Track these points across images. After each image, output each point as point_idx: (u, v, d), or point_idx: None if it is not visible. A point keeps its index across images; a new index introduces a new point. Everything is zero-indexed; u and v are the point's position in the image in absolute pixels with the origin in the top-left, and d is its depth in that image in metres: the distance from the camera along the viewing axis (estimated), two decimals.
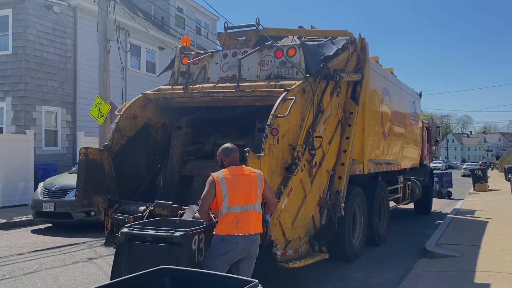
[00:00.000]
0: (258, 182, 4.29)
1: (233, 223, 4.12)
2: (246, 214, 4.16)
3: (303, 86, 5.95)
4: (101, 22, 11.51)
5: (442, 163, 57.13)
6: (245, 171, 4.31)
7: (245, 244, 4.17)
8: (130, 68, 19.37)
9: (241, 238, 4.13)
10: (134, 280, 2.63)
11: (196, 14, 25.33)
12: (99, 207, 6.26)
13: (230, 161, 4.39)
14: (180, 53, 7.44)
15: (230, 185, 4.17)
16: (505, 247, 8.21)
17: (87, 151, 6.29)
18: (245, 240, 4.15)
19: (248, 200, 4.19)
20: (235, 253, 4.17)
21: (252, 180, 4.26)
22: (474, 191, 22.27)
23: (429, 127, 14.85)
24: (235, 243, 4.12)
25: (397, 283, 6.33)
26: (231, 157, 4.40)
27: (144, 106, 6.99)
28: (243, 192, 4.19)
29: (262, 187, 4.33)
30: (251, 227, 4.18)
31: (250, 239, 4.19)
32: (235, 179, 4.20)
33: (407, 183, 11.56)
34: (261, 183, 4.32)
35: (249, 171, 4.35)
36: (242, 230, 4.13)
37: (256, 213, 4.25)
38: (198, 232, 4.35)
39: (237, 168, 4.32)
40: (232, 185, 4.17)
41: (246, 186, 4.22)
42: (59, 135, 16.58)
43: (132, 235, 4.26)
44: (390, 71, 10.70)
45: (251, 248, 4.23)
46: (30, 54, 15.44)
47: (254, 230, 4.22)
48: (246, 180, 4.24)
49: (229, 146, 4.52)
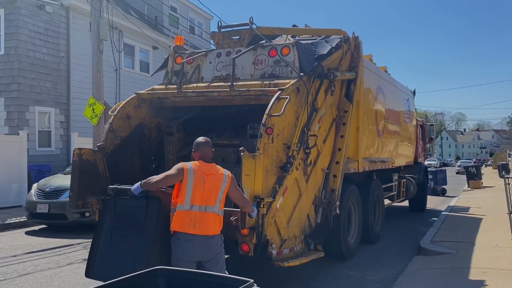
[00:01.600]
0: (221, 184, 4.19)
1: (191, 222, 4.04)
2: (204, 214, 4.08)
3: (298, 85, 5.95)
4: (94, 21, 11.45)
5: (436, 161, 57.42)
6: (212, 171, 4.21)
7: (203, 245, 4.07)
8: (124, 68, 19.30)
9: (197, 238, 4.05)
10: (128, 281, 2.62)
11: (190, 13, 25.27)
12: (94, 208, 6.22)
13: (199, 155, 4.29)
14: (174, 52, 7.41)
15: (196, 182, 4.09)
16: (499, 243, 8.26)
17: (80, 151, 6.26)
18: (202, 240, 4.06)
19: (208, 201, 4.11)
20: (194, 252, 4.07)
21: (216, 181, 4.18)
22: (468, 188, 22.40)
23: (423, 125, 14.91)
24: (190, 241, 4.04)
25: (392, 281, 6.35)
26: (200, 151, 4.30)
27: (138, 106, 6.96)
28: (206, 192, 4.11)
29: (226, 189, 4.22)
30: (209, 229, 4.09)
31: (207, 240, 4.08)
32: (202, 176, 4.12)
33: (402, 181, 11.60)
34: (226, 184, 4.22)
35: (217, 171, 4.24)
36: (200, 231, 4.05)
37: (215, 215, 4.14)
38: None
39: (207, 166, 4.22)
40: (197, 182, 4.09)
41: (210, 186, 4.13)
42: (52, 135, 16.49)
43: (117, 190, 4.69)
44: (384, 69, 10.72)
45: (211, 249, 4.13)
46: (23, 54, 15.34)
47: (212, 232, 4.12)
48: (211, 180, 4.15)
49: (200, 140, 4.39)
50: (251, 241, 4.94)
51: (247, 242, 5.00)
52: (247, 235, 4.97)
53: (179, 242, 4.08)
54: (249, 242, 4.98)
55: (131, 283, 2.61)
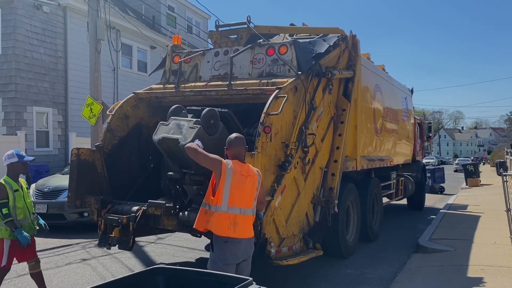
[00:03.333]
0: (257, 185, 4.13)
1: (231, 225, 3.91)
2: (245, 217, 4.00)
3: (295, 84, 5.95)
4: (92, 21, 11.43)
5: (434, 159, 57.48)
6: (250, 172, 4.09)
7: (246, 247, 4.07)
8: (122, 67, 19.28)
9: (244, 241, 4.03)
10: (128, 280, 2.62)
11: (187, 12, 25.24)
12: (92, 208, 6.23)
13: (232, 154, 4.10)
14: (172, 51, 7.40)
15: (234, 183, 3.93)
16: (497, 241, 8.29)
17: (79, 151, 6.25)
18: (247, 243, 4.07)
19: (248, 204, 4.04)
20: (240, 255, 4.03)
21: (254, 182, 4.10)
22: (466, 186, 22.44)
23: (421, 123, 14.94)
24: (238, 243, 3.97)
25: (391, 279, 6.37)
26: (232, 150, 4.11)
27: (135, 105, 6.96)
28: (245, 195, 4.00)
29: (259, 189, 4.20)
30: (249, 232, 4.10)
31: (249, 242, 4.11)
32: (241, 178, 3.97)
33: (400, 179, 11.62)
34: (259, 185, 4.18)
35: (253, 172, 4.14)
36: (241, 234, 3.97)
37: (253, 217, 4.15)
38: None
39: (243, 167, 4.07)
40: (236, 184, 3.94)
41: (248, 188, 4.03)
42: (50, 136, 16.46)
43: None
44: (382, 67, 10.74)
45: (249, 250, 4.15)
46: (20, 54, 15.30)
47: (251, 234, 4.14)
48: (250, 183, 4.05)
49: (233, 136, 4.19)
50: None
51: None
52: None
53: (227, 246, 3.94)
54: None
55: (131, 282, 2.62)
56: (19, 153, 5.07)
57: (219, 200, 3.92)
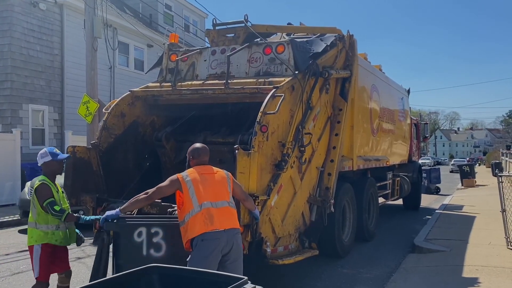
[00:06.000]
0: (226, 181, 4.19)
1: (207, 220, 3.92)
2: (220, 210, 4.01)
3: (292, 83, 5.95)
4: (88, 19, 11.39)
5: (430, 159, 57.58)
6: (210, 170, 4.21)
7: (228, 239, 3.96)
8: (118, 65, 19.22)
9: (222, 233, 3.93)
10: (122, 279, 2.61)
11: (185, 11, 25.19)
12: (88, 206, 6.20)
13: (197, 162, 4.27)
14: (168, 50, 7.38)
15: (196, 184, 4.04)
16: (492, 241, 8.31)
17: (74, 149, 6.22)
18: (226, 234, 3.95)
19: (218, 196, 4.05)
20: (219, 250, 3.94)
21: (219, 178, 4.17)
22: (462, 186, 22.52)
23: (418, 124, 14.97)
24: (216, 239, 3.91)
25: (386, 278, 6.38)
26: (199, 159, 4.28)
27: (132, 103, 6.93)
28: (212, 189, 4.06)
29: (231, 185, 4.22)
30: (230, 222, 4.02)
31: (230, 233, 3.99)
32: (202, 177, 4.09)
33: (396, 179, 11.64)
34: (230, 181, 4.23)
35: (214, 170, 4.23)
36: (220, 225, 3.93)
37: (232, 209, 4.12)
38: (146, 224, 4.31)
39: (204, 168, 4.22)
40: (198, 184, 4.04)
41: (214, 183, 4.11)
42: (46, 134, 16.39)
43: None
44: (379, 68, 10.74)
45: (233, 243, 4.01)
46: (16, 52, 15.22)
47: (234, 225, 4.05)
48: (213, 178, 4.14)
49: (198, 147, 4.35)
50: (246, 239, 4.94)
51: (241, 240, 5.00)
52: (241, 233, 4.96)
53: (204, 243, 3.91)
54: (244, 240, 4.97)
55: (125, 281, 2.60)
56: (52, 151, 4.65)
57: (190, 205, 3.99)
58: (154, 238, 4.27)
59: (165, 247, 4.27)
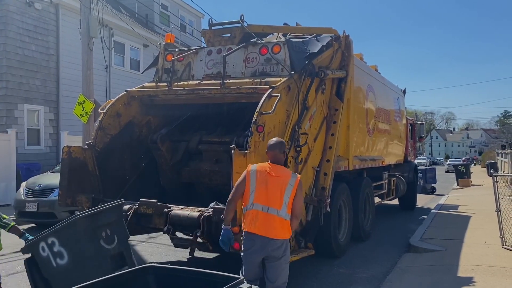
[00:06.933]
0: (286, 187, 4.12)
1: (253, 221, 4.07)
2: (266, 215, 4.04)
3: (288, 83, 5.96)
4: (84, 19, 11.35)
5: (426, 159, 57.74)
6: (278, 173, 4.17)
7: (263, 246, 4.06)
8: (114, 65, 19.17)
9: (258, 238, 4.05)
10: (119, 279, 2.61)
11: (181, 11, 25.16)
12: (83, 206, 6.19)
13: (270, 157, 4.32)
14: (164, 50, 7.38)
15: (258, 182, 4.10)
16: (487, 241, 8.35)
17: (70, 149, 6.21)
18: (262, 241, 4.05)
19: (273, 203, 4.05)
20: (254, 251, 4.09)
21: (281, 184, 4.12)
22: (457, 186, 22.59)
23: (413, 124, 15.02)
24: (251, 240, 4.09)
25: (382, 278, 6.39)
26: (270, 153, 4.32)
27: (128, 103, 6.92)
28: (270, 194, 4.07)
29: (292, 193, 4.14)
30: (270, 232, 4.04)
31: (265, 241, 4.05)
32: (266, 176, 4.12)
33: (392, 179, 11.67)
34: (291, 188, 4.14)
35: (283, 173, 4.20)
36: (260, 231, 4.04)
37: (280, 219, 4.06)
38: (42, 237, 4.32)
39: (274, 167, 4.21)
40: (260, 183, 4.10)
41: (273, 188, 4.09)
42: (42, 134, 16.33)
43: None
44: (375, 68, 10.77)
45: (271, 252, 4.08)
46: (11, 51, 15.16)
47: (275, 236, 4.06)
48: (275, 182, 4.11)
49: (272, 141, 4.41)
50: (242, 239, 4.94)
51: (237, 240, 5.00)
52: (237, 233, 4.97)
53: (245, 240, 4.16)
54: (239, 240, 4.98)
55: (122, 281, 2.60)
56: None
57: (246, 199, 4.19)
58: (55, 248, 4.28)
59: (66, 253, 4.27)
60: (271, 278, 4.17)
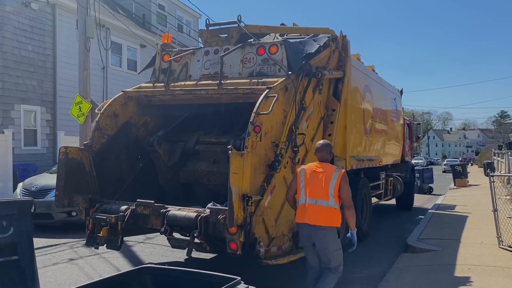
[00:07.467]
0: (330, 180, 4.62)
1: (303, 213, 4.64)
2: (315, 207, 4.60)
3: (286, 84, 5.96)
4: (81, 19, 11.33)
5: (423, 159, 57.91)
6: (323, 168, 4.71)
7: (308, 233, 4.62)
8: (111, 66, 19.15)
9: (305, 227, 4.65)
10: (115, 279, 2.60)
11: (178, 11, 25.15)
12: (80, 207, 6.17)
13: (318, 157, 4.88)
14: (161, 50, 7.36)
15: (307, 179, 4.70)
16: (484, 240, 8.37)
17: (67, 150, 6.19)
18: (308, 229, 4.62)
19: (318, 195, 4.60)
20: (304, 239, 4.73)
21: (325, 177, 4.64)
22: (454, 186, 22.65)
23: (410, 124, 15.05)
24: (301, 229, 4.71)
25: (379, 278, 6.40)
26: (317, 154, 4.88)
27: (125, 104, 6.91)
28: (317, 187, 4.62)
29: (336, 185, 4.62)
30: (317, 219, 4.57)
31: (312, 228, 4.58)
32: (313, 173, 4.70)
33: (389, 179, 11.69)
34: (335, 180, 4.63)
35: (327, 169, 4.71)
36: (308, 220, 4.61)
37: (329, 208, 4.59)
38: None
39: (319, 165, 4.78)
40: (309, 180, 4.69)
41: (319, 182, 4.64)
42: (38, 134, 16.29)
43: None
44: (372, 68, 10.79)
45: (314, 237, 4.60)
46: (8, 52, 15.12)
47: (318, 222, 4.56)
48: (320, 177, 4.66)
49: (318, 144, 4.95)
50: (239, 239, 4.94)
51: (235, 240, 5.00)
52: (235, 233, 4.97)
53: (298, 230, 4.81)
54: (237, 240, 4.98)
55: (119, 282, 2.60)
56: None
57: (299, 195, 4.79)
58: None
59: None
60: (324, 262, 4.73)
